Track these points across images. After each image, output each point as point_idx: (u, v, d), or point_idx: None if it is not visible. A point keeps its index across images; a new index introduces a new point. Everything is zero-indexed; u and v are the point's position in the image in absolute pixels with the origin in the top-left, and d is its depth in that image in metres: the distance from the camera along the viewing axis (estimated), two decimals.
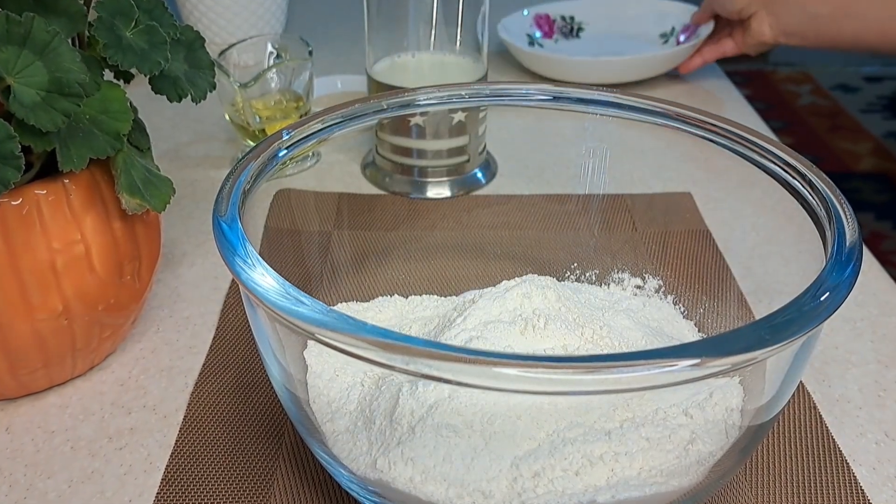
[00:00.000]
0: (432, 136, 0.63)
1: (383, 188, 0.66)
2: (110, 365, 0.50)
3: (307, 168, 0.55)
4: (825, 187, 0.37)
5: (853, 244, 0.34)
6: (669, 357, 0.28)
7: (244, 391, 0.47)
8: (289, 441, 0.44)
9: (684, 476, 0.35)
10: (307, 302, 0.30)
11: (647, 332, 0.44)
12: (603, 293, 0.51)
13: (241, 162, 0.39)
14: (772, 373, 0.35)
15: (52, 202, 0.41)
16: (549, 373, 0.28)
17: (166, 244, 0.60)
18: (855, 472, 0.42)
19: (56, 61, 0.38)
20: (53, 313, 0.43)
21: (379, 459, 0.36)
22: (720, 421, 0.37)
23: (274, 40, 0.72)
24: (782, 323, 0.29)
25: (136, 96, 0.46)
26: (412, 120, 0.62)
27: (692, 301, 0.48)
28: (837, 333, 0.52)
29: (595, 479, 0.34)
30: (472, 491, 0.34)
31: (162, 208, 0.44)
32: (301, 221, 0.52)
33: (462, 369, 0.28)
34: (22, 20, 0.37)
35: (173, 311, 0.54)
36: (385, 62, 0.67)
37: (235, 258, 0.33)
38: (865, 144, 2.35)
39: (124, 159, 0.42)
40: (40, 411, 0.46)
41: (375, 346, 0.28)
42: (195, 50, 0.47)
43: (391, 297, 0.51)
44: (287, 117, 0.70)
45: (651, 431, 0.36)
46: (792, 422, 0.45)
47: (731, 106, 0.86)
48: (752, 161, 0.41)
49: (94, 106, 0.41)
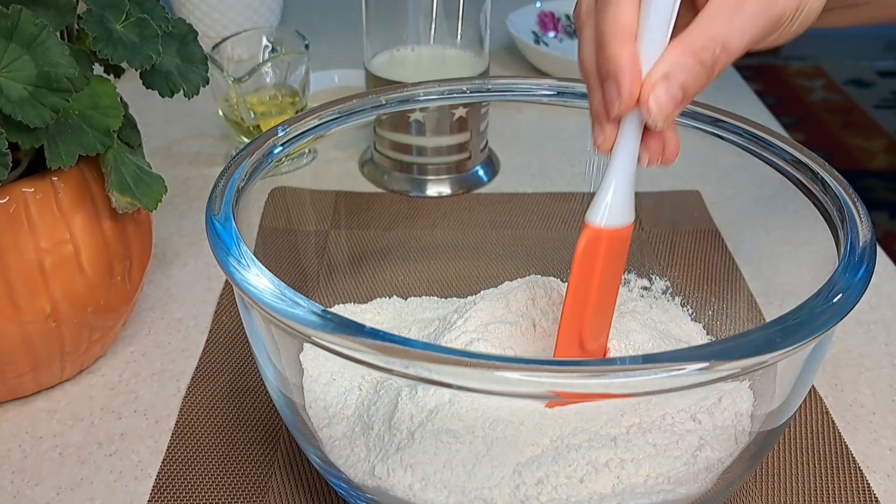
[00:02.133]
0: (432, 133, 0.63)
1: (382, 186, 0.66)
2: (100, 368, 0.49)
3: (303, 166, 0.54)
4: (838, 185, 0.37)
5: (866, 244, 0.33)
6: (677, 361, 0.28)
7: (238, 395, 0.47)
8: (284, 447, 0.43)
9: (692, 483, 0.35)
10: (303, 303, 0.30)
11: (653, 334, 0.44)
12: None
13: (236, 159, 0.39)
14: (783, 377, 0.34)
15: (39, 200, 0.41)
16: (553, 377, 0.28)
17: (158, 244, 0.59)
18: (868, 479, 0.42)
19: (44, 55, 0.37)
20: (41, 315, 0.42)
21: (377, 466, 0.35)
22: (729, 426, 0.37)
23: (269, 33, 0.72)
24: (793, 325, 0.29)
25: (127, 91, 0.46)
26: (412, 116, 0.61)
27: (700, 303, 0.48)
28: (850, 336, 0.52)
29: (600, 487, 0.34)
30: (473, 499, 0.34)
31: (153, 207, 0.43)
32: (297, 220, 0.52)
33: (463, 373, 0.27)
34: (9, 12, 0.36)
35: (165, 313, 0.54)
36: (384, 56, 0.67)
37: (229, 258, 0.32)
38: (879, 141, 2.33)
39: (114, 156, 0.42)
40: (28, 416, 0.46)
41: (373, 350, 0.28)
42: (188, 43, 0.46)
43: (390, 298, 0.50)
44: (282, 113, 0.69)
45: (658, 437, 0.36)
46: (803, 427, 0.45)
47: (740, 101, 0.86)
48: (763, 158, 0.41)
49: (83, 101, 0.41)
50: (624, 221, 0.36)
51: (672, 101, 0.33)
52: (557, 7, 0.99)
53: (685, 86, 0.33)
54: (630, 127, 0.34)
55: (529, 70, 0.92)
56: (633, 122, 0.34)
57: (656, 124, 0.33)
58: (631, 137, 0.34)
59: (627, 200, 0.36)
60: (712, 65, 0.32)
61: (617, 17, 0.33)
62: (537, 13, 0.98)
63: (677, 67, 0.32)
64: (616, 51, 0.32)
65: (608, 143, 0.35)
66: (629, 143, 0.34)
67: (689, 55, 0.32)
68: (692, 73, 0.32)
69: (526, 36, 0.93)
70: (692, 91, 0.33)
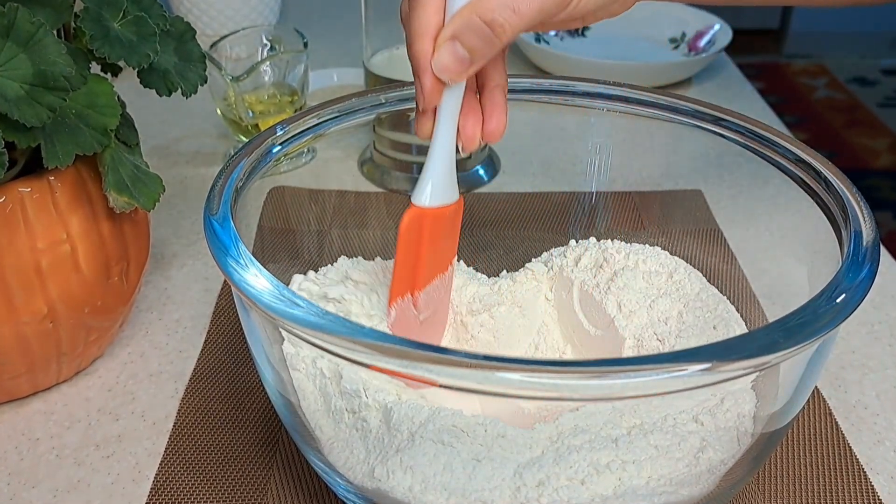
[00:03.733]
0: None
1: (381, 185, 0.65)
2: (97, 370, 0.49)
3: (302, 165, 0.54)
4: (841, 185, 0.37)
5: (870, 244, 0.33)
6: (679, 361, 0.27)
7: (236, 397, 0.46)
8: (283, 449, 0.43)
9: (694, 485, 0.35)
10: (302, 304, 0.30)
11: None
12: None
13: (234, 158, 0.39)
14: (785, 378, 0.34)
15: (36, 200, 0.41)
16: (554, 378, 0.28)
17: (155, 244, 0.59)
18: (872, 480, 0.42)
19: (41, 54, 0.37)
20: (38, 316, 0.42)
21: (377, 468, 0.35)
22: (732, 428, 0.37)
23: (268, 32, 0.72)
24: (796, 326, 0.29)
25: (124, 90, 0.46)
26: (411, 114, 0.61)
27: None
28: (854, 337, 0.52)
29: (601, 489, 0.34)
30: (473, 501, 0.34)
31: (151, 207, 0.43)
32: (296, 220, 0.52)
33: (463, 374, 0.27)
34: (5, 11, 0.36)
35: (163, 314, 0.53)
36: (383, 55, 0.67)
37: (227, 259, 0.32)
38: (883, 140, 2.32)
39: (112, 156, 0.42)
40: (24, 418, 0.45)
41: (373, 350, 0.28)
42: (185, 42, 0.46)
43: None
44: (281, 112, 0.69)
45: (660, 439, 0.35)
46: (806, 429, 0.44)
47: (743, 100, 0.86)
48: (765, 157, 0.41)
49: (80, 100, 0.40)
50: (446, 200, 0.39)
51: (458, 62, 0.34)
52: None
53: (472, 47, 0.34)
54: (445, 115, 0.37)
55: (530, 68, 0.92)
56: (447, 111, 0.37)
57: (443, 82, 0.35)
58: (446, 125, 0.38)
59: (448, 181, 0.39)
60: (502, 28, 0.34)
61: (420, 18, 0.35)
62: None
63: (466, 28, 0.34)
64: (418, 50, 0.35)
65: (425, 131, 0.38)
66: (445, 130, 0.38)
67: (478, 16, 0.33)
68: (481, 34, 0.34)
69: (526, 34, 0.93)
70: (481, 53, 0.34)
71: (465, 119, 0.38)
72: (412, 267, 0.40)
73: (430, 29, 0.35)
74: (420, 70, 0.35)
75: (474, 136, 0.38)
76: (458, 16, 0.34)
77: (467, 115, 0.38)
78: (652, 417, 0.37)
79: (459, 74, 0.35)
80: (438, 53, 0.34)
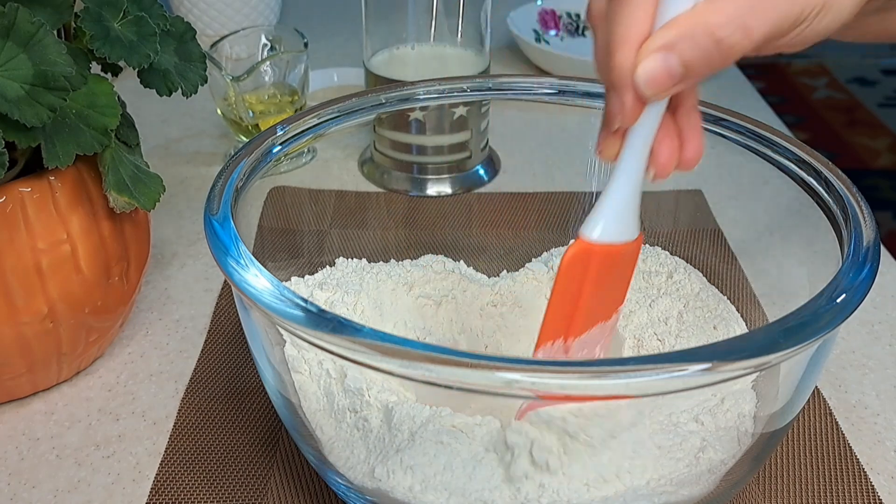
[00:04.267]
0: (432, 132, 0.63)
1: (381, 185, 0.65)
2: (97, 370, 0.49)
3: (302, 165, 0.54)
4: (841, 185, 0.37)
5: (870, 244, 0.33)
6: (679, 361, 0.27)
7: (237, 397, 0.46)
8: (283, 449, 0.43)
9: (695, 485, 0.35)
10: (302, 304, 0.30)
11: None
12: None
13: (234, 158, 0.39)
14: (786, 378, 0.34)
15: (36, 200, 0.41)
16: (556, 378, 0.27)
17: (156, 244, 0.59)
18: (872, 480, 0.41)
19: (41, 54, 0.37)
20: (38, 316, 0.42)
21: (377, 467, 0.35)
22: (732, 428, 0.37)
23: (268, 32, 0.72)
24: (797, 326, 0.29)
25: (125, 90, 0.46)
26: (411, 115, 0.61)
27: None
28: (854, 337, 0.52)
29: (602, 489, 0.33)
30: (473, 501, 0.33)
31: (151, 207, 0.43)
32: (296, 220, 0.52)
33: (465, 374, 0.27)
34: (5, 11, 0.36)
35: (163, 314, 0.53)
36: (383, 54, 0.66)
37: (228, 259, 0.32)
38: (884, 140, 2.30)
39: (112, 156, 0.42)
40: (24, 418, 0.45)
41: (373, 350, 0.28)
42: (186, 42, 0.46)
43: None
44: (281, 112, 0.69)
45: (660, 439, 0.35)
46: (807, 429, 0.44)
47: (743, 100, 0.86)
48: (766, 157, 0.41)
49: (80, 100, 0.40)
50: (620, 238, 0.34)
51: (668, 75, 0.29)
52: (558, 5, 0.98)
53: (689, 62, 0.29)
54: (637, 137, 0.32)
55: (530, 68, 0.92)
56: (642, 133, 0.31)
57: (644, 97, 0.30)
58: (637, 150, 0.32)
59: (629, 215, 0.33)
60: (730, 46, 0.28)
61: (627, 23, 0.29)
62: (538, 11, 0.98)
63: (688, 40, 0.28)
64: (622, 61, 0.29)
65: (610, 153, 0.33)
66: (635, 155, 0.32)
67: (705, 29, 0.28)
68: (703, 48, 0.28)
69: (527, 34, 0.93)
70: (697, 71, 0.29)
71: (659, 143, 0.32)
72: (570, 310, 0.34)
73: (640, 37, 0.29)
74: (621, 83, 0.30)
75: (669, 164, 0.32)
76: (676, 24, 0.28)
77: (663, 138, 0.32)
78: (652, 417, 0.36)
79: (667, 90, 0.29)
80: (646, 62, 0.29)
